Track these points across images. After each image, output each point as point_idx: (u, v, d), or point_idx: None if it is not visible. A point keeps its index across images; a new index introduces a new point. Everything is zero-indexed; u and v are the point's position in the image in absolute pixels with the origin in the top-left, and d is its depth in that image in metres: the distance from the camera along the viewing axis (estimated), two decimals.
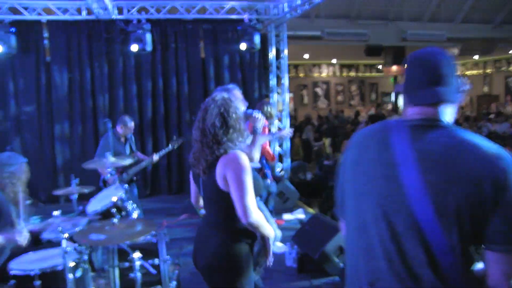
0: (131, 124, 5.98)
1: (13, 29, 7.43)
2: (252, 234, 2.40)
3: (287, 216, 6.85)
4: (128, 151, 5.95)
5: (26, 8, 7.58)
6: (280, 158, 8.99)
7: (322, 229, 4.82)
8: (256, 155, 3.36)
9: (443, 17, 12.68)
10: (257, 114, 3.46)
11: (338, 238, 4.48)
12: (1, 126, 7.95)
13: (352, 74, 19.99)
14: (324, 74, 19.63)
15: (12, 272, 3.02)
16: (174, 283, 3.54)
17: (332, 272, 4.46)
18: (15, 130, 7.99)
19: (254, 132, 3.38)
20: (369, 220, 1.52)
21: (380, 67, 19.18)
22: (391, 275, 1.43)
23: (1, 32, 7.31)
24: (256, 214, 2.27)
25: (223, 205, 2.35)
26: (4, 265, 3.14)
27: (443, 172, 1.36)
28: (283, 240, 5.16)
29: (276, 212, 6.96)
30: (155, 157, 6.13)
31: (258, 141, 3.38)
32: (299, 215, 6.89)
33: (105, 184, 5.63)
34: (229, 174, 2.26)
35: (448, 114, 1.51)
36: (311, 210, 7.24)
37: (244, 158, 2.30)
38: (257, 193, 2.45)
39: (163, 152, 6.28)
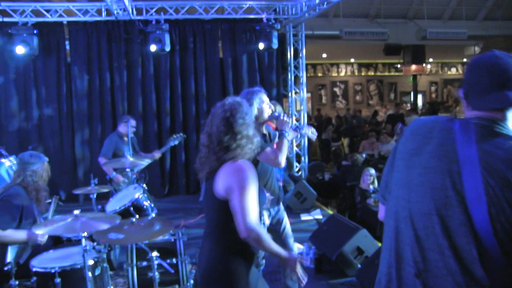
0: (133, 123, 6.08)
1: (35, 31, 7.56)
2: (251, 250, 2.24)
3: (304, 217, 6.83)
4: (130, 150, 6.02)
5: (48, 11, 7.71)
6: (298, 158, 8.97)
7: (340, 229, 4.80)
8: (283, 159, 3.21)
9: (464, 15, 12.48)
10: (284, 117, 3.32)
11: (356, 239, 4.45)
12: (23, 125, 8.10)
13: (371, 73, 19.83)
14: (342, 74, 19.51)
15: (34, 269, 3.07)
16: (191, 282, 3.56)
17: (349, 273, 4.43)
18: (36, 130, 8.13)
19: (280, 135, 3.26)
20: (418, 212, 1.50)
21: (399, 66, 18.99)
22: (442, 268, 1.42)
23: (24, 34, 7.44)
24: (258, 228, 2.11)
25: (219, 215, 2.23)
26: (26, 263, 3.20)
27: (503, 178, 1.34)
28: (300, 241, 5.15)
29: (293, 212, 6.96)
30: (157, 154, 6.25)
31: (285, 145, 3.23)
32: (317, 215, 6.86)
33: (111, 182, 5.76)
34: (231, 184, 2.14)
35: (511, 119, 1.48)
36: (328, 211, 7.20)
37: (249, 169, 2.19)
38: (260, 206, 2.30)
39: (164, 148, 6.40)
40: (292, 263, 2.24)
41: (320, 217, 6.75)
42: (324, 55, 17.69)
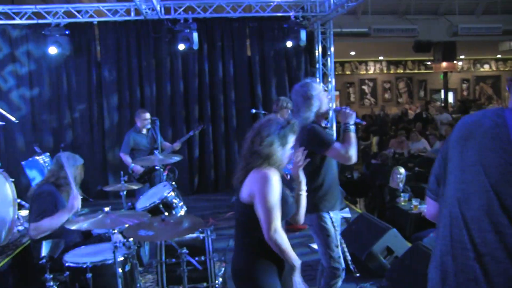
0: (146, 116, 6.31)
1: (67, 32, 7.73)
2: (276, 258, 2.30)
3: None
4: (150, 142, 6.29)
5: (79, 11, 7.87)
6: None
7: (369, 229, 4.73)
8: (354, 154, 3.15)
9: (499, 9, 12.09)
10: (347, 109, 3.25)
11: (385, 239, 4.38)
12: (55, 124, 8.29)
13: (400, 71, 19.53)
14: (371, 72, 19.28)
15: (67, 264, 3.14)
16: (220, 280, 3.57)
17: (379, 273, 4.36)
18: (68, 128, 8.31)
19: (346, 129, 3.21)
20: (473, 191, 1.48)
21: (429, 63, 18.64)
22: (502, 249, 1.39)
23: (57, 35, 7.62)
24: (278, 234, 2.22)
25: (244, 218, 2.35)
26: (60, 257, 3.27)
27: None
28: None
29: None
30: (177, 145, 6.39)
31: (352, 138, 3.18)
32: (345, 214, 6.78)
33: (132, 173, 5.96)
34: (254, 190, 2.25)
35: None
36: (357, 210, 7.12)
37: (274, 177, 2.26)
38: (285, 216, 2.36)
39: (183, 138, 6.55)
40: (294, 277, 2.31)
41: (348, 216, 6.67)
42: (353, 53, 17.51)
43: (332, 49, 8.83)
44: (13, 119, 5.89)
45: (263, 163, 2.30)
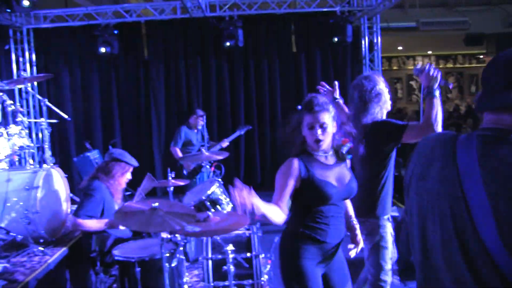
0: (201, 115, 6.55)
1: (116, 31, 7.95)
2: (306, 234, 2.46)
3: None
4: (199, 139, 6.60)
5: (127, 11, 8.07)
6: None
7: None
8: (438, 121, 2.73)
9: None
10: (431, 69, 2.81)
11: None
12: (105, 121, 8.56)
13: (450, 65, 18.84)
14: (419, 67, 18.74)
15: (116, 258, 3.22)
16: (265, 277, 3.56)
17: None
18: (117, 125, 8.56)
19: (429, 94, 2.77)
20: (435, 243, 1.36)
21: (481, 57, 17.90)
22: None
23: (106, 35, 7.86)
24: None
25: None
26: (109, 251, 3.36)
27: (509, 197, 1.17)
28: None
29: None
30: (224, 143, 6.52)
31: (436, 105, 2.74)
32: (393, 212, 6.62)
33: (181, 168, 6.19)
34: None
35: None
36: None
37: (285, 166, 2.47)
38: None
39: (231, 137, 6.66)
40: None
41: (396, 214, 6.52)
42: (400, 48, 17.07)
43: (379, 44, 8.63)
44: (65, 116, 6.10)
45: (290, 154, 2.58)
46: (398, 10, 10.81)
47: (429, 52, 18.42)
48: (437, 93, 2.77)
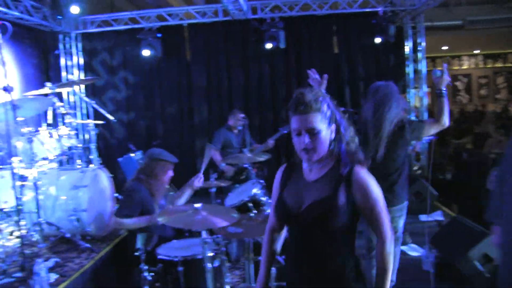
0: (240, 116, 6.46)
1: (159, 35, 8.13)
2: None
3: (424, 218, 6.47)
4: (240, 141, 6.47)
5: (170, 15, 8.24)
6: (417, 156, 8.52)
7: (464, 233, 4.46)
8: (447, 118, 3.38)
9: None
10: (444, 74, 3.50)
11: (483, 245, 4.08)
12: (148, 123, 8.75)
13: (499, 64, 18.14)
14: (465, 66, 18.14)
15: (159, 257, 3.29)
16: None
17: (475, 282, 4.08)
18: (160, 127, 8.73)
19: (440, 95, 3.41)
20: None
21: None
22: None
23: (150, 38, 8.06)
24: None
25: None
26: (153, 250, 3.43)
27: None
28: (420, 243, 4.88)
29: (412, 213, 6.60)
30: (270, 142, 6.43)
31: (446, 105, 3.38)
32: (438, 217, 6.46)
33: (223, 174, 6.07)
34: None
35: None
36: (450, 212, 6.74)
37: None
38: None
39: (276, 136, 6.56)
40: None
41: (441, 219, 6.35)
42: (445, 47, 16.61)
43: (423, 44, 8.43)
44: (111, 118, 6.28)
45: None
46: (443, 8, 10.50)
47: (476, 51, 17.83)
48: (445, 93, 3.43)
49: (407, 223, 3.59)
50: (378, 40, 7.91)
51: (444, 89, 3.41)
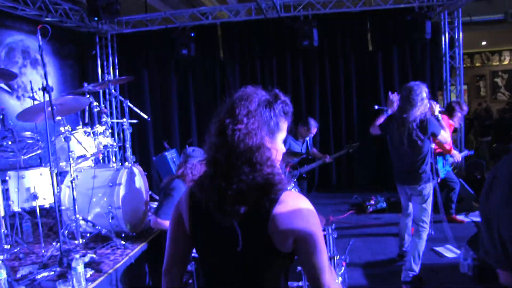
0: (314, 130, 6.42)
1: (192, 34, 8.20)
2: None
3: (461, 218, 6.30)
4: (304, 150, 6.44)
5: (203, 14, 8.30)
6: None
7: None
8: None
9: None
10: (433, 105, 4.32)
11: None
12: (183, 122, 8.85)
13: None
14: (505, 62, 17.53)
15: (192, 255, 3.29)
16: (339, 279, 3.50)
17: None
18: (194, 125, 8.81)
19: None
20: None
21: None
22: None
23: (183, 38, 8.15)
24: None
25: None
26: None
27: None
28: (457, 245, 4.75)
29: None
30: (328, 159, 6.41)
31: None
32: (475, 218, 6.28)
33: None
34: None
35: None
36: None
37: None
38: None
39: (337, 154, 6.55)
40: None
41: (478, 219, 6.15)
42: (484, 43, 16.09)
43: (461, 40, 8.20)
44: (145, 117, 6.36)
45: None
46: (482, 2, 10.16)
47: None
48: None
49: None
50: (414, 36, 7.71)
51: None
